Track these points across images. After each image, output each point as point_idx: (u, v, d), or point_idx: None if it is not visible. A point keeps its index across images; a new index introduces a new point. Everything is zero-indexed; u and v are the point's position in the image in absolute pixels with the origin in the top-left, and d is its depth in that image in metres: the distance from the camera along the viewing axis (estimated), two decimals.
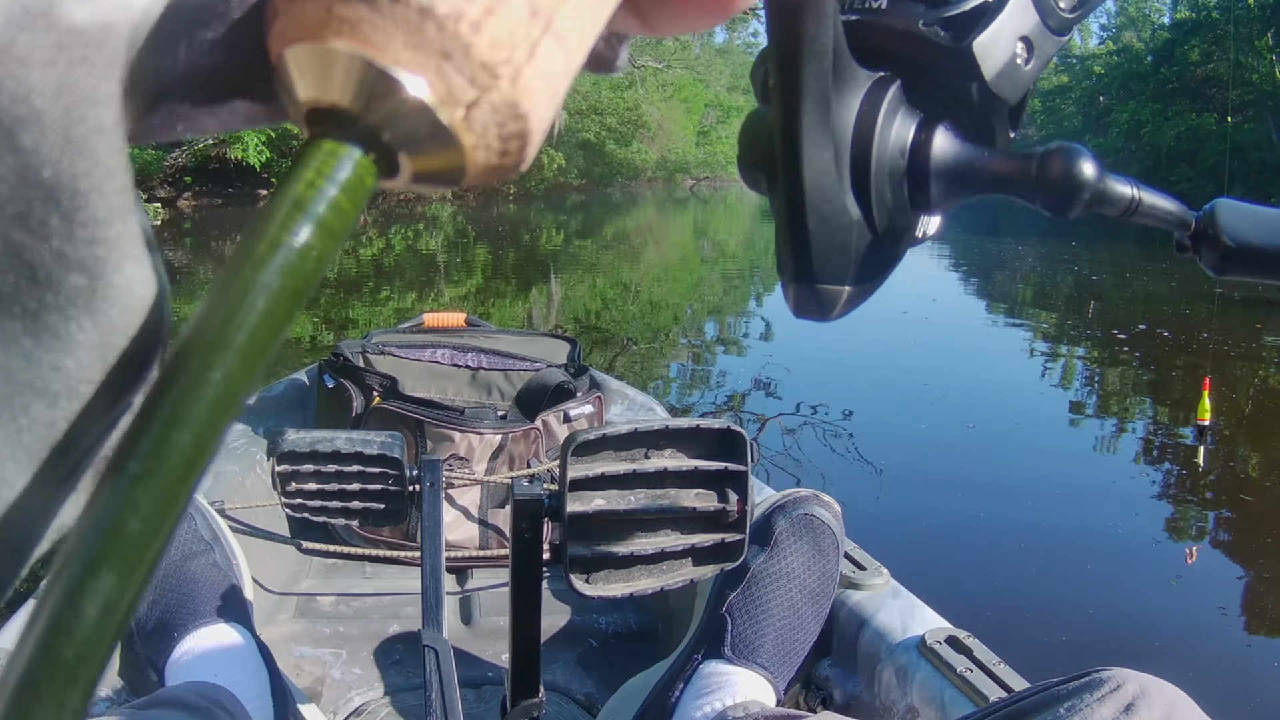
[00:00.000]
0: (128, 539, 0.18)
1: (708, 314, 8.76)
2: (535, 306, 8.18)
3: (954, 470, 4.03)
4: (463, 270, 10.46)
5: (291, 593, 1.48)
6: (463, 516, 1.60)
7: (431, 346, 1.79)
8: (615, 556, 0.84)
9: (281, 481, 1.08)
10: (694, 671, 1.00)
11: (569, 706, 1.29)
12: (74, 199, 0.19)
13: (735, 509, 0.87)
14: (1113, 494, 3.88)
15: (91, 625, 0.17)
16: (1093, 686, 0.59)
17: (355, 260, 11.07)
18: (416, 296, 8.13)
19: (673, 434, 0.86)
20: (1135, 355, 6.71)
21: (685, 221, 25.09)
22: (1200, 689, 0.62)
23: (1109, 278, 12.40)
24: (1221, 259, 0.39)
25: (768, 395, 5.09)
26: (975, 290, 11.41)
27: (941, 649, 1.00)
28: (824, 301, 0.36)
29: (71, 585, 0.17)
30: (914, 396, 5.35)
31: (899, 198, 0.36)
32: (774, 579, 1.01)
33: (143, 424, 0.18)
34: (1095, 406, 5.50)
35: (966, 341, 7.50)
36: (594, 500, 0.84)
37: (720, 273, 12.57)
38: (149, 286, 0.22)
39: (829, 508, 1.07)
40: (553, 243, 15.34)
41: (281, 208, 0.19)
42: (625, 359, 5.85)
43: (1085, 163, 0.35)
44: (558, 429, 1.67)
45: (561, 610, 1.47)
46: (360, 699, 1.28)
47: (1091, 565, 3.07)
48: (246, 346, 0.19)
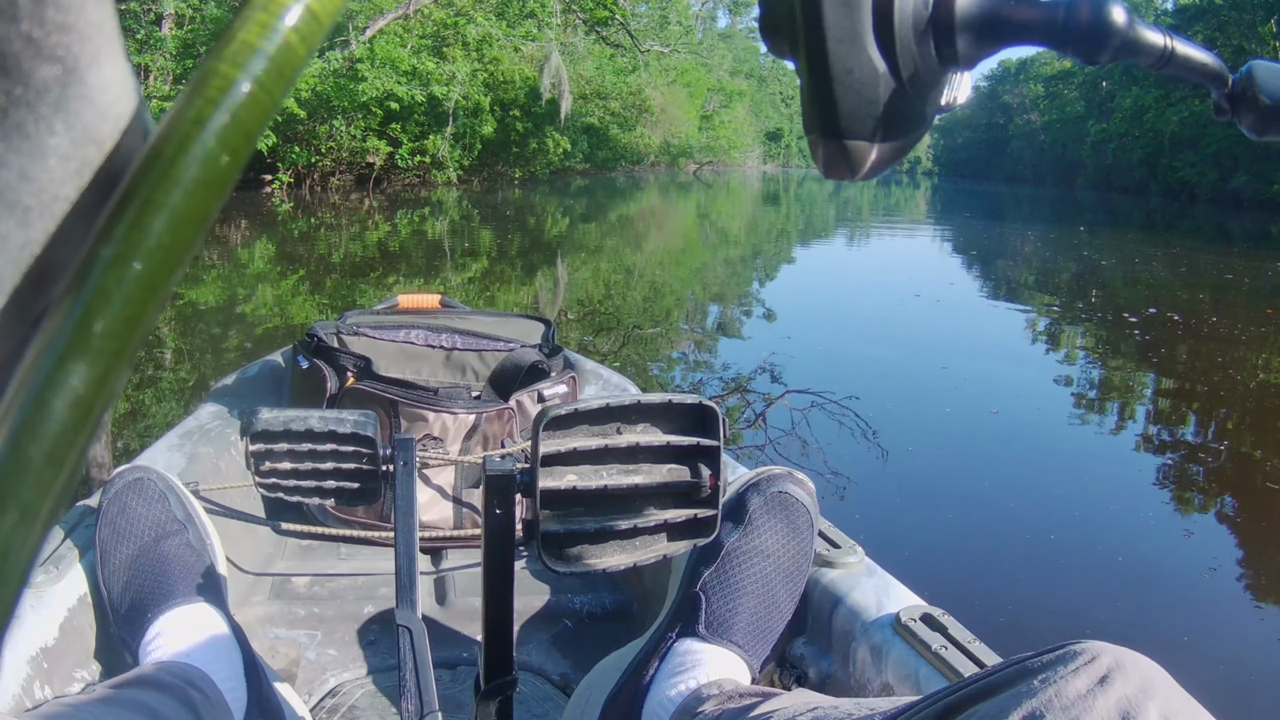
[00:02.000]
0: (101, 330, 0.16)
1: (714, 297, 8.75)
2: (542, 290, 8.18)
3: (942, 450, 4.04)
4: (467, 255, 10.45)
5: (266, 573, 1.48)
6: (437, 497, 1.60)
7: (406, 327, 1.78)
8: (588, 532, 0.83)
9: (255, 461, 1.08)
10: (668, 650, 0.99)
11: (543, 686, 1.29)
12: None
13: (708, 484, 0.87)
14: (1096, 472, 3.89)
15: (61, 424, 0.16)
16: (1066, 659, 0.58)
17: (361, 244, 11.08)
18: (422, 280, 8.12)
19: (645, 409, 0.86)
20: (1145, 337, 6.75)
21: (689, 205, 25.07)
22: (1178, 663, 0.61)
23: (1118, 263, 12.39)
24: (1260, 120, 0.38)
25: (773, 380, 5.09)
26: (982, 274, 11.38)
27: (916, 626, 0.99)
28: (851, 158, 0.35)
29: (39, 381, 0.16)
30: (900, 375, 5.39)
31: (925, 49, 0.35)
32: (748, 557, 1.01)
33: (118, 209, 0.17)
34: (1083, 387, 5.51)
35: (966, 324, 7.51)
36: (566, 475, 0.83)
37: (730, 256, 12.58)
38: (127, 93, 0.21)
39: (803, 485, 1.06)
40: (557, 227, 15.34)
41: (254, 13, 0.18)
42: (631, 346, 5.85)
43: (1115, 8, 0.34)
44: (532, 409, 1.66)
45: (537, 591, 1.47)
46: (335, 680, 1.27)
47: (1070, 542, 3.08)
48: (229, 129, 0.18)
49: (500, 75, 21.85)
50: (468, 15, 20.33)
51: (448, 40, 20.16)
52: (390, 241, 11.57)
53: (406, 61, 18.33)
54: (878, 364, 5.73)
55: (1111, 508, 3.47)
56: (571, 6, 24.62)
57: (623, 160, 36.07)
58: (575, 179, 31.27)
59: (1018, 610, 2.59)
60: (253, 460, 1.08)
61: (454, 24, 20.17)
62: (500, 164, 25.56)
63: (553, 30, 24.09)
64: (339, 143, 18.30)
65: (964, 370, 5.64)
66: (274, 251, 10.02)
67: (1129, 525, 3.31)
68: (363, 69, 17.55)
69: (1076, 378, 5.67)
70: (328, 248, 10.49)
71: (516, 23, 22.92)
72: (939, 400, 4.86)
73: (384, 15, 18.49)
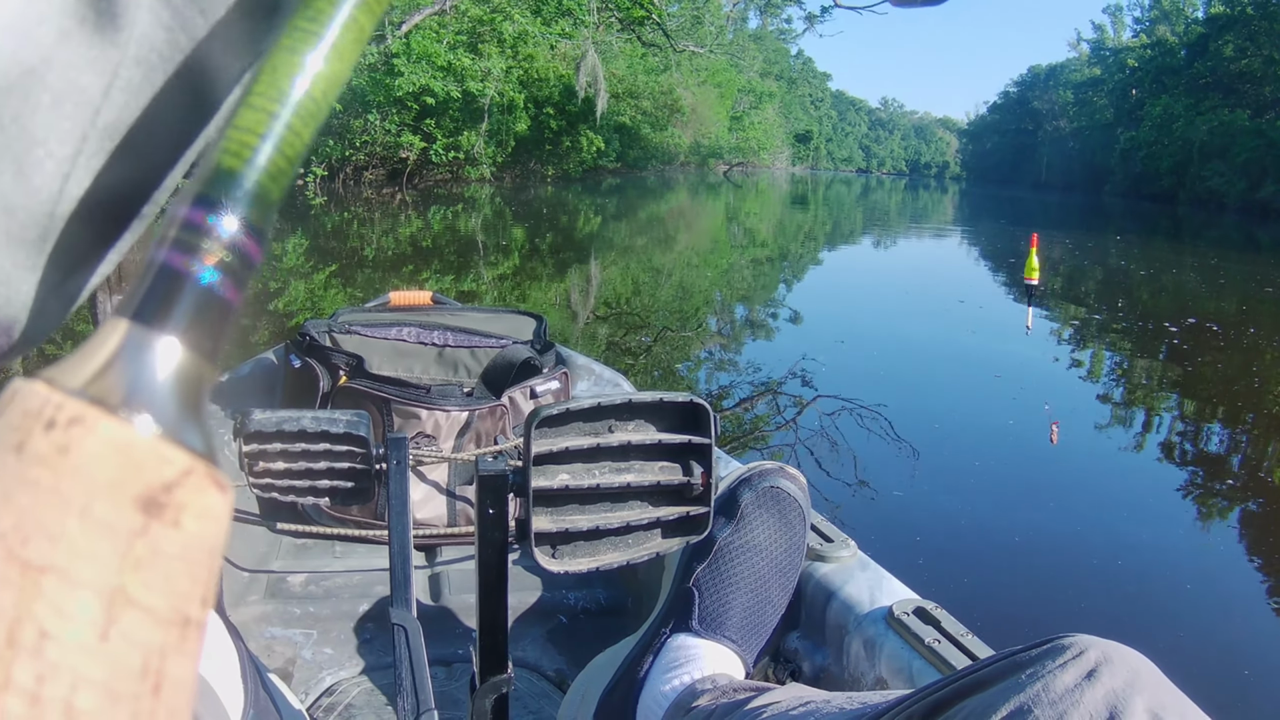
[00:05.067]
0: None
1: (742, 298, 8.75)
2: (574, 290, 8.19)
3: (943, 446, 4.06)
4: (500, 252, 10.49)
5: (261, 572, 1.48)
6: (431, 494, 1.60)
7: (397, 325, 1.77)
8: (581, 531, 0.84)
9: (249, 461, 1.07)
10: (662, 645, 1.00)
11: (539, 682, 1.30)
12: None
13: (700, 482, 0.87)
14: (1093, 470, 3.93)
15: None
16: (1055, 653, 0.59)
17: (394, 239, 11.14)
18: (454, 277, 8.16)
19: (637, 408, 0.86)
20: (1183, 347, 6.73)
21: (718, 206, 25.02)
22: (1168, 657, 0.62)
23: (1154, 271, 12.28)
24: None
25: (804, 384, 5.09)
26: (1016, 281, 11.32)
27: (909, 620, 0.99)
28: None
29: None
30: (908, 372, 5.38)
31: None
32: (740, 552, 1.01)
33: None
34: (1108, 389, 5.51)
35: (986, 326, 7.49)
36: (559, 475, 0.84)
37: (758, 256, 12.55)
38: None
39: (794, 480, 1.06)
40: (590, 225, 15.35)
41: None
42: (660, 345, 5.86)
43: None
44: (524, 405, 1.66)
45: (531, 587, 1.48)
46: (331, 679, 1.28)
47: (1067, 537, 3.11)
48: None
49: (535, 72, 21.90)
50: (504, 12, 20.38)
51: (483, 36, 20.22)
52: (423, 237, 11.61)
53: (442, 57, 18.39)
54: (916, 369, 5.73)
55: (1124, 510, 3.50)
56: (608, 5, 24.62)
57: (653, 160, 36.05)
58: (607, 178, 31.28)
59: (1012, 601, 2.62)
60: (246, 461, 1.07)
61: (490, 20, 20.22)
62: (533, 161, 25.62)
63: (588, 28, 24.11)
64: (373, 137, 18.39)
65: (1016, 378, 5.66)
66: (307, 245, 10.08)
67: (1135, 526, 3.35)
68: (398, 63, 17.62)
69: (1104, 385, 5.64)
70: (360, 241, 10.56)
71: (552, 20, 22.96)
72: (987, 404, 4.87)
73: (420, 10, 18.55)
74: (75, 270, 0.28)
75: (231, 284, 0.21)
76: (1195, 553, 3.11)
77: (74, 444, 0.18)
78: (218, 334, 0.21)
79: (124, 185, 0.28)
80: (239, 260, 0.21)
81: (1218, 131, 31.82)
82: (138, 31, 0.25)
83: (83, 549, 0.17)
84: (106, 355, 0.19)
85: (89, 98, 0.25)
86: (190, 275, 0.20)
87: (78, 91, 0.25)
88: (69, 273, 0.28)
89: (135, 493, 0.18)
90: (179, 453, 0.19)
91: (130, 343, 0.19)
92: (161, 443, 0.19)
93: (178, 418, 0.19)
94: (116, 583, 0.18)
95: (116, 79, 0.25)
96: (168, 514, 0.18)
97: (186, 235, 0.20)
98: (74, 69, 0.25)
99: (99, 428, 0.18)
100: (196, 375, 0.20)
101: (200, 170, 0.21)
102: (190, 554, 0.19)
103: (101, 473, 0.18)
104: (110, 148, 0.26)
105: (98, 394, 0.18)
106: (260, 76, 0.21)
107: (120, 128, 0.26)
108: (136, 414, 0.19)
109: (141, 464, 0.18)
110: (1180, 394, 5.35)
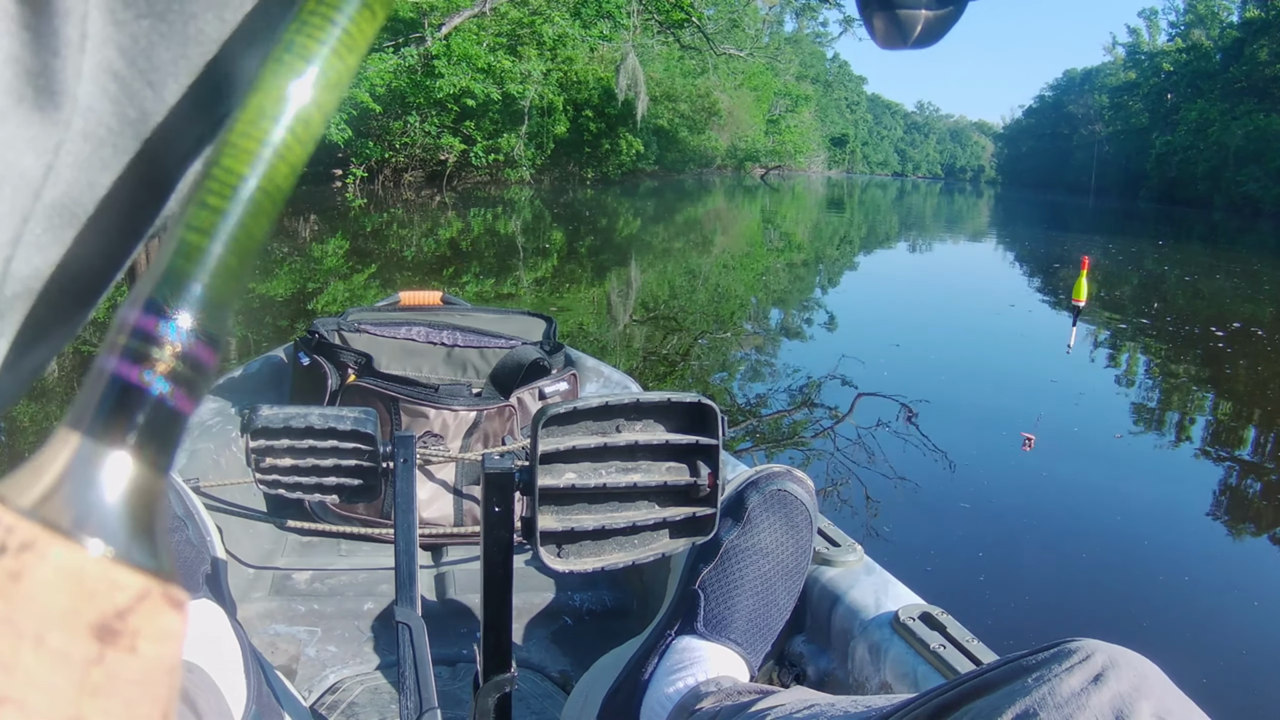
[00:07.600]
0: None
1: (778, 301, 8.73)
2: (614, 293, 8.20)
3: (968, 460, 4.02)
4: (539, 254, 10.53)
5: (267, 569, 1.48)
6: (437, 493, 1.59)
7: (407, 324, 1.77)
8: (586, 530, 0.83)
9: (256, 458, 1.07)
10: (667, 647, 1.00)
11: (542, 683, 1.29)
12: None
13: (707, 483, 0.87)
14: (1105, 475, 3.89)
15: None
16: (1061, 657, 0.58)
17: (434, 240, 11.21)
18: (494, 281, 8.20)
19: (644, 408, 0.86)
20: (1228, 351, 6.69)
21: (755, 209, 24.99)
22: (1175, 662, 0.61)
23: (1195, 277, 12.14)
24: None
25: (843, 384, 5.08)
26: (1054, 286, 11.21)
27: (915, 625, 0.99)
28: (903, 26, 0.36)
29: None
30: (929, 382, 5.35)
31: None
32: (747, 554, 1.01)
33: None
34: (1143, 397, 5.44)
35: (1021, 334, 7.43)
36: (565, 474, 0.83)
37: (794, 260, 12.51)
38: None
39: (802, 483, 1.06)
40: (629, 228, 15.39)
41: None
42: (697, 349, 5.86)
43: None
44: (532, 406, 1.65)
45: (537, 588, 1.47)
46: (335, 676, 1.28)
47: (1074, 543, 3.10)
48: None
49: (574, 75, 21.98)
50: (543, 14, 20.47)
51: (523, 39, 20.32)
52: (463, 239, 11.67)
53: (482, 59, 18.50)
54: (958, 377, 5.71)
55: (1114, 504, 3.50)
56: (648, 8, 24.68)
57: (691, 163, 36.09)
58: (645, 180, 31.34)
59: (1018, 607, 2.60)
60: (253, 457, 1.07)
61: (529, 22, 20.32)
62: (572, 164, 25.72)
63: (628, 30, 24.16)
64: (413, 139, 18.53)
65: (1046, 378, 5.62)
66: (347, 247, 10.17)
67: (1134, 523, 3.33)
68: (439, 65, 17.74)
69: (1143, 390, 5.60)
70: (400, 243, 10.63)
71: (591, 23, 23.03)
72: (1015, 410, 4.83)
73: (460, 13, 18.68)
74: (30, 348, 0.28)
75: (184, 395, 0.20)
76: (1210, 560, 3.09)
77: (25, 571, 0.17)
78: (170, 445, 0.20)
79: (81, 262, 0.27)
80: (191, 369, 0.20)
81: (1253, 136, 31.40)
82: (82, 105, 0.25)
83: (39, 680, 0.17)
84: (57, 472, 0.19)
85: (29, 180, 0.24)
86: (142, 387, 0.20)
87: (16, 174, 0.24)
88: (23, 351, 0.27)
89: (89, 620, 0.18)
90: (132, 576, 0.19)
91: (80, 459, 0.19)
92: (114, 566, 0.18)
93: (129, 537, 0.19)
94: (74, 713, 0.17)
95: (60, 155, 0.25)
96: (123, 641, 0.18)
97: (137, 344, 0.20)
98: (12, 149, 0.24)
99: (50, 554, 0.18)
100: (148, 490, 0.20)
101: (151, 270, 0.20)
102: (149, 677, 0.19)
103: (54, 601, 0.17)
104: (61, 224, 0.26)
105: (49, 515, 0.18)
106: (211, 171, 0.20)
107: (70, 204, 0.26)
108: (88, 536, 0.18)
109: (94, 590, 0.18)
110: (1216, 397, 5.29)
